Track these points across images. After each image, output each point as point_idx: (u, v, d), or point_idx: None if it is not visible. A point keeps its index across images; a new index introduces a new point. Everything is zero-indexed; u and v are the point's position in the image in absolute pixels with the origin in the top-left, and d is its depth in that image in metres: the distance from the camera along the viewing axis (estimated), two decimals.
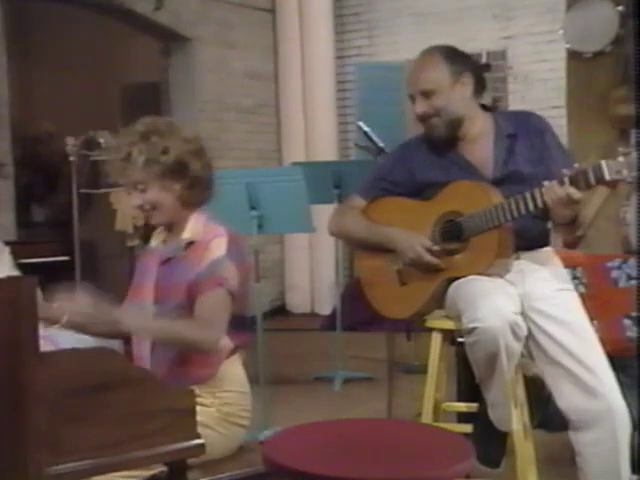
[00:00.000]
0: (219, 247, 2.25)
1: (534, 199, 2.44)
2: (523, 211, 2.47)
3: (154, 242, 2.43)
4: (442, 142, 2.69)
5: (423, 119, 2.68)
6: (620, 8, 4.83)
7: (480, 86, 2.70)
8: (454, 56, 2.68)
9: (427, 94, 2.64)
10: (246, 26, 7.47)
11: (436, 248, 2.62)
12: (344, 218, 2.88)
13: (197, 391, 2.14)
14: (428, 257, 2.62)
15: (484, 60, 6.91)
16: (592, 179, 2.33)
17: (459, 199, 2.60)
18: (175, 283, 2.28)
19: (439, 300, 2.67)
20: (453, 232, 2.60)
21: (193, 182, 2.31)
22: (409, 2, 7.50)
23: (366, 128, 3.97)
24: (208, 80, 7.11)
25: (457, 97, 2.64)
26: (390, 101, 7.13)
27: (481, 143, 2.68)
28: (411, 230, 2.68)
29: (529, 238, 2.61)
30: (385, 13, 7.63)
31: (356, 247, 2.91)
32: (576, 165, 2.38)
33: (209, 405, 2.22)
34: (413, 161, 2.74)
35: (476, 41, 6.83)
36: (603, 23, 4.89)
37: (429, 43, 2.80)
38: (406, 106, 2.97)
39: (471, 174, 2.64)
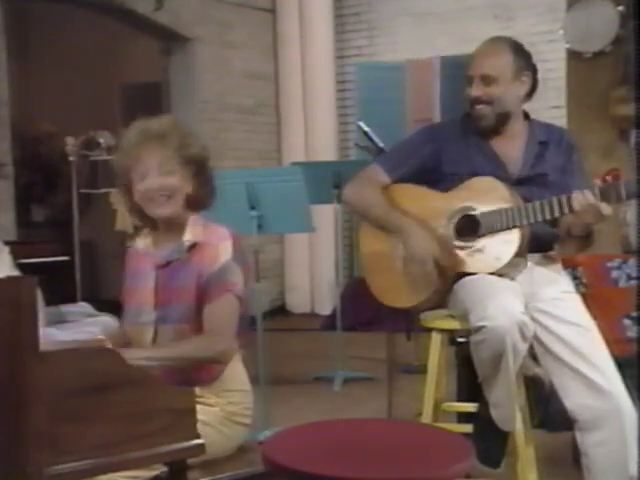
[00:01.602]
0: (225, 251, 2.25)
1: (560, 204, 2.45)
2: (548, 215, 2.48)
3: (141, 244, 2.42)
4: (482, 132, 2.69)
5: (473, 104, 2.67)
6: (620, 8, 4.84)
7: (532, 90, 2.71)
8: (521, 52, 2.69)
9: (487, 80, 2.64)
10: (246, 26, 7.47)
11: (451, 256, 2.59)
12: (365, 191, 2.78)
13: (200, 391, 2.15)
14: (429, 268, 2.59)
15: None
16: (623, 194, 2.36)
17: (477, 194, 2.60)
18: (180, 286, 2.25)
19: (443, 295, 2.66)
20: (469, 227, 2.59)
21: (206, 181, 2.34)
22: (409, 2, 7.49)
23: (366, 128, 3.96)
24: (208, 80, 7.11)
25: (513, 92, 2.66)
26: (390, 101, 7.14)
27: (514, 142, 2.69)
28: (426, 220, 2.66)
29: (538, 240, 2.61)
30: (385, 13, 7.62)
31: (367, 222, 2.83)
32: (608, 178, 2.40)
33: (213, 405, 2.21)
34: (443, 147, 2.72)
35: (476, 41, 6.74)
36: (603, 23, 4.89)
37: (429, 43, 2.79)
38: (406, 106, 2.96)
39: (496, 168, 2.64)
